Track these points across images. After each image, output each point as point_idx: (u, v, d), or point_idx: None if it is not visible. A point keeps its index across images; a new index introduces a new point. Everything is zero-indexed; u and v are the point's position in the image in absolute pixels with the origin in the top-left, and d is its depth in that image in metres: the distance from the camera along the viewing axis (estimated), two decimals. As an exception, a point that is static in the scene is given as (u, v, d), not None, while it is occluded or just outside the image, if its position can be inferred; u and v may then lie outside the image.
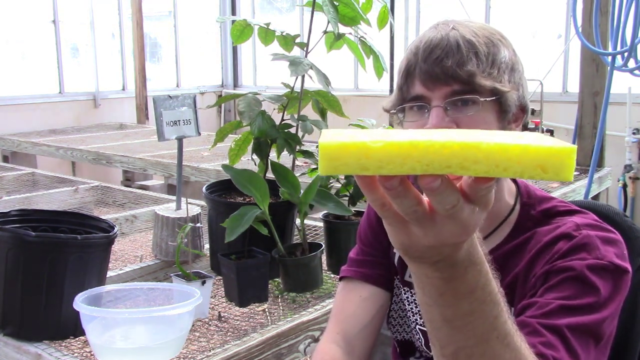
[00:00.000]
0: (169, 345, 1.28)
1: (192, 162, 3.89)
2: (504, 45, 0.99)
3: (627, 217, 1.16)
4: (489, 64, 0.96)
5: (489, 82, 0.95)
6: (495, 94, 0.96)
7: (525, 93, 1.02)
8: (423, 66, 0.96)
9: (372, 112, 6.85)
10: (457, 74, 0.94)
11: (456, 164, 0.53)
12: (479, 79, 0.94)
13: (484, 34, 0.98)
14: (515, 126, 1.03)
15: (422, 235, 0.61)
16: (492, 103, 0.97)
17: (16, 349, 1.38)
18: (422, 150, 0.53)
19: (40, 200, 2.90)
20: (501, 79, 0.96)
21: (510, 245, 1.02)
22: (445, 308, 0.68)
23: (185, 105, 1.92)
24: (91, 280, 1.42)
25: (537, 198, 1.05)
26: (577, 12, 3.46)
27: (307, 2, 1.81)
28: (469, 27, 0.98)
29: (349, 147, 0.53)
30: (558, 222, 0.99)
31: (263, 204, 1.62)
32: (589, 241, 0.93)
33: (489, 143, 0.53)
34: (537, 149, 0.53)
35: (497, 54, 0.97)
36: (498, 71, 0.96)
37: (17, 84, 6.02)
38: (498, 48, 0.97)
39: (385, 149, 0.53)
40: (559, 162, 0.53)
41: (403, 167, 0.53)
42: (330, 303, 1.61)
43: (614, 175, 4.57)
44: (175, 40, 7.51)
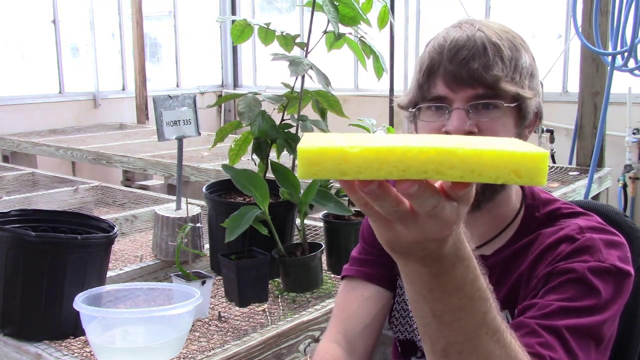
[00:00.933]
0: (169, 345, 1.28)
1: (192, 162, 3.89)
2: (525, 50, 0.99)
3: (627, 217, 1.16)
4: (512, 68, 0.95)
5: (513, 87, 0.94)
6: (517, 99, 0.95)
7: (541, 99, 1.02)
8: (448, 66, 0.94)
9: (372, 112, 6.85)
10: (483, 77, 0.93)
11: (432, 170, 0.55)
12: (503, 84, 0.94)
13: (507, 37, 0.97)
14: (529, 132, 1.03)
15: (406, 233, 0.62)
16: (513, 109, 0.96)
17: (16, 349, 1.38)
18: (399, 156, 0.54)
19: (40, 200, 2.90)
20: (523, 84, 0.96)
21: (514, 247, 1.02)
22: (434, 303, 0.68)
23: (185, 105, 1.92)
24: (91, 280, 1.42)
25: (541, 200, 1.05)
26: (577, 12, 3.46)
27: (307, 2, 1.81)
28: (492, 29, 0.97)
29: (328, 152, 0.54)
30: (562, 224, 0.99)
31: (263, 204, 1.61)
32: (592, 244, 0.92)
33: (464, 149, 0.54)
34: (511, 154, 0.54)
35: (519, 58, 0.96)
36: (520, 76, 0.96)
37: (17, 84, 6.02)
38: (520, 53, 0.97)
39: (362, 154, 0.54)
40: (533, 167, 0.55)
41: (380, 172, 0.54)
42: (331, 303, 1.61)
43: (614, 175, 4.57)
44: (175, 40, 7.50)
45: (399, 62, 6.41)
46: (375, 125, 1.94)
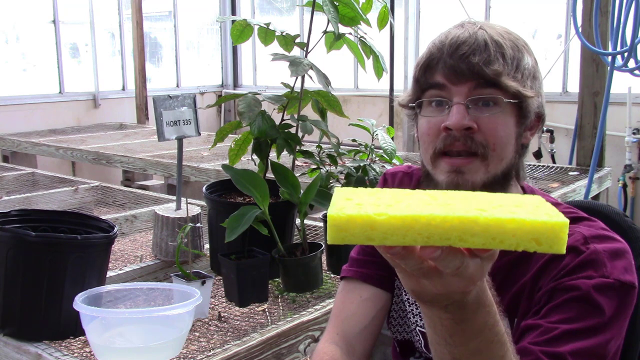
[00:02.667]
0: (169, 345, 1.28)
1: (192, 162, 3.89)
2: (527, 52, 0.99)
3: (627, 217, 1.16)
4: (514, 67, 0.95)
5: (514, 84, 0.94)
6: (518, 97, 0.95)
7: (543, 102, 1.02)
8: (448, 61, 0.95)
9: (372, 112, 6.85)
10: (483, 71, 0.93)
11: (455, 237, 0.57)
12: (504, 79, 0.93)
13: (510, 37, 0.98)
14: (531, 134, 1.03)
15: (431, 286, 0.64)
16: (514, 107, 0.96)
17: (16, 349, 1.38)
18: (423, 224, 0.56)
19: (40, 200, 2.90)
20: (524, 83, 0.96)
21: (515, 255, 0.98)
22: (455, 347, 0.70)
23: (185, 105, 1.92)
24: (91, 280, 1.42)
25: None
26: (577, 12, 3.46)
27: (307, 2, 1.81)
28: (495, 29, 0.98)
29: (356, 220, 0.57)
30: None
31: (263, 204, 1.62)
32: (596, 257, 0.91)
33: (486, 217, 0.57)
34: (532, 224, 0.57)
35: (521, 59, 0.97)
36: (522, 76, 0.96)
37: (17, 84, 6.02)
38: (522, 53, 0.97)
39: (389, 222, 0.56)
40: (553, 236, 0.57)
41: (405, 239, 0.57)
42: (330, 303, 1.61)
43: (614, 175, 4.57)
44: (175, 40, 7.50)
45: (399, 62, 6.41)
46: (375, 125, 1.94)
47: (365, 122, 1.93)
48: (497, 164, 0.97)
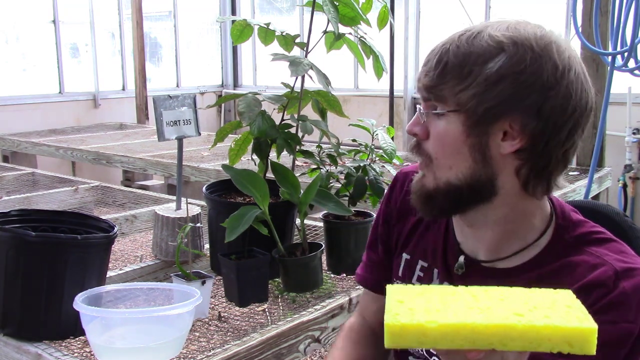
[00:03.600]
0: (169, 345, 1.28)
1: (192, 162, 3.89)
2: (507, 53, 0.91)
3: (627, 217, 1.15)
4: (460, 75, 0.92)
5: (449, 93, 0.93)
6: (456, 106, 0.93)
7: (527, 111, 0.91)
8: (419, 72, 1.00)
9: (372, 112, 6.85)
10: (424, 81, 0.96)
11: (497, 342, 0.65)
12: (439, 89, 0.94)
13: (483, 41, 0.92)
14: (511, 146, 0.93)
15: None
16: (458, 115, 0.93)
17: (16, 349, 1.38)
18: (468, 331, 0.65)
19: (40, 200, 2.90)
20: (469, 91, 0.91)
21: (542, 271, 0.97)
22: None
23: (185, 105, 1.92)
24: (91, 280, 1.42)
25: (572, 221, 1.00)
26: (577, 12, 3.46)
27: (307, 2, 1.81)
28: (473, 34, 0.94)
29: (409, 328, 0.65)
30: (592, 257, 0.93)
31: (263, 204, 1.61)
32: (624, 300, 0.88)
33: (523, 325, 0.65)
34: (565, 330, 0.64)
35: (479, 64, 0.91)
36: (471, 84, 0.91)
37: (17, 84, 6.02)
38: (487, 57, 0.91)
39: (438, 330, 0.65)
40: (583, 341, 0.65)
41: (453, 344, 0.66)
42: (331, 303, 1.62)
43: (614, 175, 4.57)
44: (175, 40, 7.51)
45: (399, 62, 6.41)
46: (375, 125, 1.94)
47: (365, 122, 1.93)
48: (446, 172, 0.96)
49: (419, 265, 1.14)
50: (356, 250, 1.80)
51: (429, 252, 1.13)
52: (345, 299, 1.65)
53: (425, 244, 1.14)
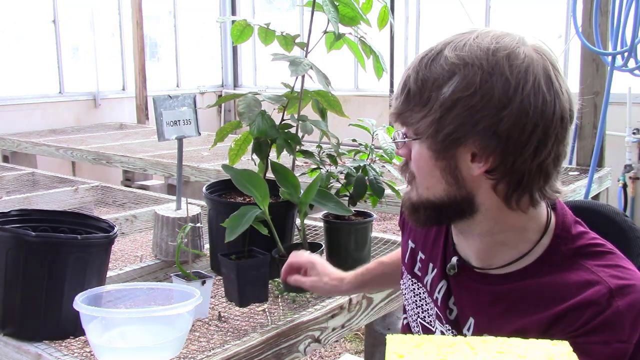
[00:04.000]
0: (169, 345, 1.28)
1: (192, 162, 3.89)
2: (459, 76, 0.89)
3: (627, 217, 1.15)
4: (420, 102, 0.92)
5: (413, 120, 0.94)
6: (419, 133, 0.94)
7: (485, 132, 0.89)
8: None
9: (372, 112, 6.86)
10: (392, 111, 0.97)
11: None
12: (402, 117, 0.96)
13: (440, 63, 0.91)
14: (479, 168, 0.91)
15: None
16: (422, 142, 0.94)
17: (16, 349, 1.38)
18: None
19: (40, 200, 2.90)
20: (428, 118, 0.91)
21: (529, 282, 0.96)
22: None
23: (185, 105, 1.92)
24: (91, 280, 1.42)
25: (571, 233, 0.98)
26: (577, 12, 3.46)
27: (307, 2, 1.81)
28: (435, 54, 0.92)
29: None
30: (587, 273, 0.92)
31: (263, 204, 1.61)
32: (617, 320, 0.87)
33: None
34: None
35: (435, 89, 0.90)
36: (429, 111, 0.91)
37: (17, 84, 6.02)
38: (442, 82, 0.90)
39: None
40: None
41: None
42: (330, 303, 1.62)
43: (614, 175, 4.57)
44: (175, 40, 7.51)
45: (399, 62, 6.42)
46: (375, 126, 1.94)
47: (365, 122, 1.93)
48: (424, 191, 0.98)
49: (419, 256, 1.16)
50: (356, 250, 1.80)
51: (428, 246, 1.14)
52: (345, 299, 1.65)
53: (426, 236, 1.16)
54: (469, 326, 1.03)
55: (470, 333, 1.02)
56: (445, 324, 1.08)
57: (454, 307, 1.07)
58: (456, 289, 1.06)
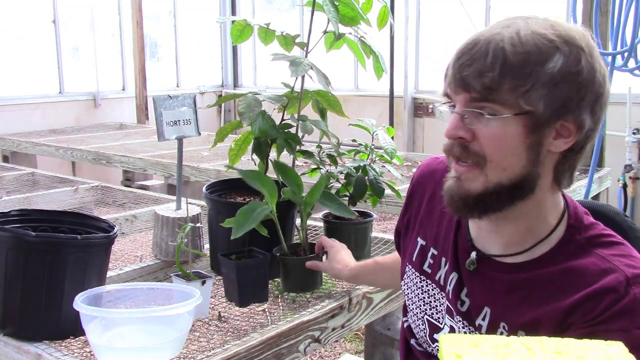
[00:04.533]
0: (169, 345, 1.28)
1: (192, 162, 3.89)
2: (562, 53, 0.91)
3: (627, 217, 1.16)
4: (520, 76, 0.90)
5: (511, 96, 0.90)
6: (518, 109, 0.91)
7: (583, 108, 0.93)
8: (451, 70, 0.96)
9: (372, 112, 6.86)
10: (475, 82, 0.91)
11: None
12: (497, 92, 0.91)
13: (533, 40, 0.91)
14: (565, 143, 0.94)
15: None
16: (518, 117, 0.91)
17: (16, 349, 1.38)
18: None
19: (40, 200, 2.89)
20: (532, 94, 0.90)
21: (545, 270, 0.97)
22: None
23: (185, 105, 1.92)
24: (91, 280, 1.42)
25: (583, 223, 1.00)
26: (577, 12, 3.46)
27: (307, 2, 1.81)
28: (519, 31, 0.92)
29: None
30: (603, 261, 0.94)
31: (271, 202, 1.60)
32: (635, 307, 0.88)
33: None
34: None
35: (538, 64, 0.90)
36: (533, 85, 0.90)
37: (17, 84, 6.02)
38: (545, 57, 0.90)
39: None
40: None
41: None
42: (330, 303, 1.62)
43: (614, 175, 4.57)
44: (175, 40, 7.51)
45: (399, 62, 6.41)
46: (375, 126, 1.94)
47: (365, 122, 1.93)
48: (499, 173, 0.95)
49: (430, 252, 1.16)
50: (356, 250, 1.79)
51: (440, 241, 1.15)
52: (345, 299, 1.65)
53: (437, 231, 1.16)
54: (483, 316, 1.03)
55: (485, 323, 1.03)
56: (455, 317, 1.08)
57: (466, 298, 1.07)
58: (469, 280, 1.07)
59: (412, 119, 6.50)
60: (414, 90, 6.52)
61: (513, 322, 0.99)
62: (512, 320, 0.99)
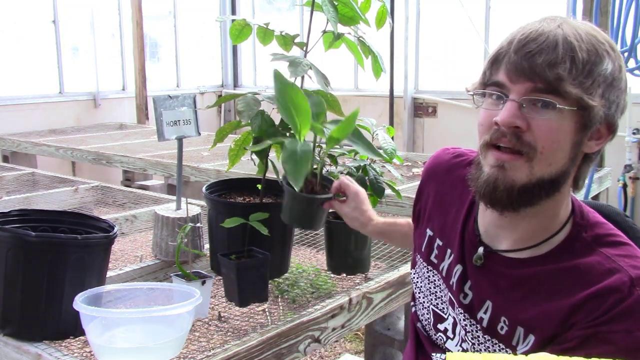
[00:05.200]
0: (169, 345, 1.28)
1: (192, 162, 3.89)
2: (610, 57, 0.94)
3: (628, 217, 1.16)
4: (584, 72, 0.91)
5: (577, 90, 0.91)
6: (580, 105, 0.92)
7: (617, 113, 0.97)
8: (512, 57, 0.94)
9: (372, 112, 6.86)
10: (544, 73, 0.91)
11: None
12: (565, 85, 0.91)
13: (590, 39, 0.93)
14: (597, 144, 0.98)
15: None
16: (574, 113, 0.92)
17: (16, 349, 1.38)
18: None
19: (40, 200, 2.89)
20: (593, 91, 0.92)
21: (551, 267, 0.98)
22: None
23: (185, 105, 1.92)
24: (91, 280, 1.42)
25: (589, 221, 1.01)
26: (577, 12, 3.46)
27: (307, 2, 1.81)
28: (576, 29, 0.94)
29: None
30: (608, 261, 0.94)
31: (302, 133, 1.39)
32: (639, 308, 0.89)
33: None
34: None
35: (597, 63, 0.92)
36: (592, 83, 0.91)
37: (17, 84, 6.02)
38: (601, 58, 0.93)
39: None
40: None
41: None
42: (330, 303, 1.62)
43: (614, 175, 4.57)
44: (175, 40, 7.51)
45: (399, 62, 6.41)
46: (375, 126, 1.94)
47: (366, 122, 1.93)
48: (544, 168, 0.95)
49: (436, 243, 1.17)
50: (356, 250, 1.80)
51: (446, 232, 1.15)
52: (345, 299, 1.65)
53: (444, 223, 1.17)
54: (485, 309, 1.04)
55: (487, 316, 1.03)
56: (457, 308, 1.09)
57: (469, 291, 1.07)
58: (474, 273, 1.07)
59: (412, 119, 6.50)
60: (414, 90, 6.52)
61: (514, 318, 0.99)
62: (513, 316, 0.99)
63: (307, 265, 1.94)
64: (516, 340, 0.99)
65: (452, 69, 6.18)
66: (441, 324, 1.16)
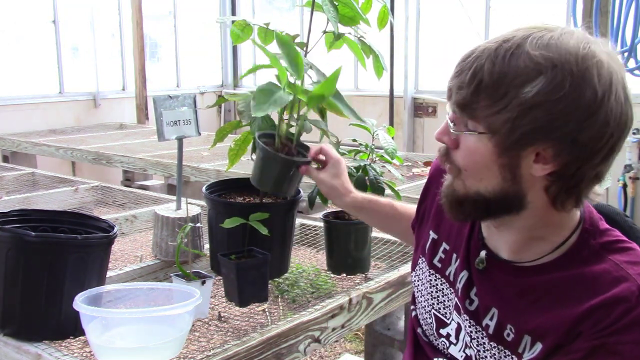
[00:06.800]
0: (169, 345, 1.28)
1: (192, 162, 3.89)
2: (545, 78, 0.86)
3: (628, 217, 1.16)
4: (494, 96, 0.88)
5: (484, 113, 0.90)
6: (491, 128, 0.91)
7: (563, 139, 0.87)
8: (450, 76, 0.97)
9: (372, 112, 6.87)
10: (455, 95, 0.93)
11: None
12: (469, 109, 0.91)
13: (519, 60, 0.87)
14: (543, 170, 0.91)
15: None
16: (490, 136, 0.91)
17: (16, 349, 1.38)
18: None
19: (40, 200, 2.89)
20: (500, 116, 0.88)
21: (558, 275, 0.97)
22: None
23: (185, 105, 1.92)
24: (91, 280, 1.42)
25: (598, 228, 1.00)
26: (577, 12, 3.46)
27: (307, 2, 1.81)
28: (511, 48, 0.88)
29: None
30: (616, 268, 0.93)
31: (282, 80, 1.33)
32: None
33: None
34: None
35: (515, 86, 0.87)
36: (505, 107, 0.88)
37: (17, 84, 6.02)
38: (523, 80, 0.86)
39: None
40: None
41: None
42: (330, 303, 1.61)
43: (614, 175, 4.57)
44: (175, 40, 7.51)
45: (399, 62, 6.42)
46: (375, 126, 1.94)
47: (366, 122, 1.93)
48: (476, 182, 0.96)
49: (442, 247, 1.16)
50: (356, 250, 1.80)
51: (453, 236, 1.15)
52: (345, 299, 1.65)
53: (450, 227, 1.16)
54: (491, 316, 1.03)
55: (493, 323, 1.03)
56: (463, 314, 1.09)
57: (475, 298, 1.07)
58: (480, 280, 1.07)
59: (412, 119, 6.50)
60: (414, 90, 6.52)
61: (520, 326, 0.99)
62: (519, 325, 0.99)
63: (307, 265, 1.94)
64: (522, 347, 0.98)
65: (452, 69, 6.17)
66: (443, 329, 1.15)
